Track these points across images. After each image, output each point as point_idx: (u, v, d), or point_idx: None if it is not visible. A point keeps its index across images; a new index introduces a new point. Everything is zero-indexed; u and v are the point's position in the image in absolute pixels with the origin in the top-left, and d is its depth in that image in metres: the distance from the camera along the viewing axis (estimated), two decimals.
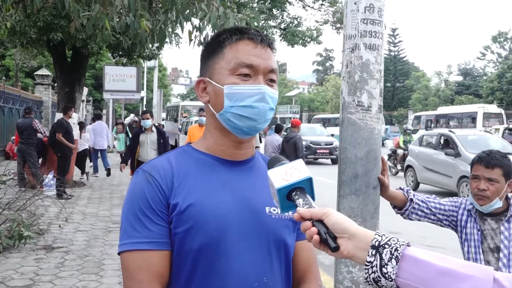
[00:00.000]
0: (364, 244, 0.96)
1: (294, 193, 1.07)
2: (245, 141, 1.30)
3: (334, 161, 20.15)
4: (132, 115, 26.72)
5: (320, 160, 21.68)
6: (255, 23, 4.54)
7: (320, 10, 19.11)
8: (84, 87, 19.51)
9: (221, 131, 1.29)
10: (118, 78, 21.66)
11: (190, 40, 4.49)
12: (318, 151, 20.59)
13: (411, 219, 2.53)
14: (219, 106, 1.26)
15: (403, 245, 0.93)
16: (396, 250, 0.92)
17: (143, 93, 31.93)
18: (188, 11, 4.28)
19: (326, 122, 37.71)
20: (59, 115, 11.70)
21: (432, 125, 32.18)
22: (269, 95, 1.25)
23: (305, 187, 1.08)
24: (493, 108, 30.08)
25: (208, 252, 1.18)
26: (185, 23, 4.39)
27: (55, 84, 21.97)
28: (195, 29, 4.51)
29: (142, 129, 8.43)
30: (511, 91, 39.85)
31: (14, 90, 18.97)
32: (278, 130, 10.53)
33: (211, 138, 1.32)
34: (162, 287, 1.19)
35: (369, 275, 0.94)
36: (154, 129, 8.43)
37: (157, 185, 1.21)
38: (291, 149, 9.05)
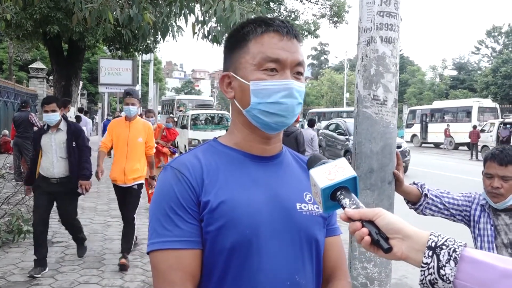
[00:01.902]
0: (419, 245, 0.93)
1: (339, 192, 1.03)
2: (273, 136, 1.27)
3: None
4: None
5: None
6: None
7: (317, 4, 19.09)
8: None
9: (249, 127, 1.26)
10: (114, 71, 21.51)
11: (194, 33, 4.43)
12: None
13: (424, 214, 2.51)
14: (245, 102, 1.22)
15: (461, 245, 0.90)
16: (454, 251, 0.89)
17: (138, 87, 31.80)
18: (192, 3, 4.22)
19: (321, 116, 37.73)
20: None
21: (427, 119, 32.32)
22: (297, 90, 1.21)
23: (349, 186, 1.04)
24: (488, 103, 30.27)
25: (240, 250, 1.15)
26: (189, 15, 4.32)
27: (50, 78, 21.83)
28: (198, 22, 4.45)
29: (45, 127, 5.22)
30: (505, 85, 40.05)
31: (9, 84, 18.84)
32: (311, 124, 10.99)
33: (238, 134, 1.28)
34: (195, 287, 1.16)
35: (425, 277, 0.91)
36: (63, 126, 5.19)
37: (187, 182, 1.16)
38: (292, 144, 9.00)
